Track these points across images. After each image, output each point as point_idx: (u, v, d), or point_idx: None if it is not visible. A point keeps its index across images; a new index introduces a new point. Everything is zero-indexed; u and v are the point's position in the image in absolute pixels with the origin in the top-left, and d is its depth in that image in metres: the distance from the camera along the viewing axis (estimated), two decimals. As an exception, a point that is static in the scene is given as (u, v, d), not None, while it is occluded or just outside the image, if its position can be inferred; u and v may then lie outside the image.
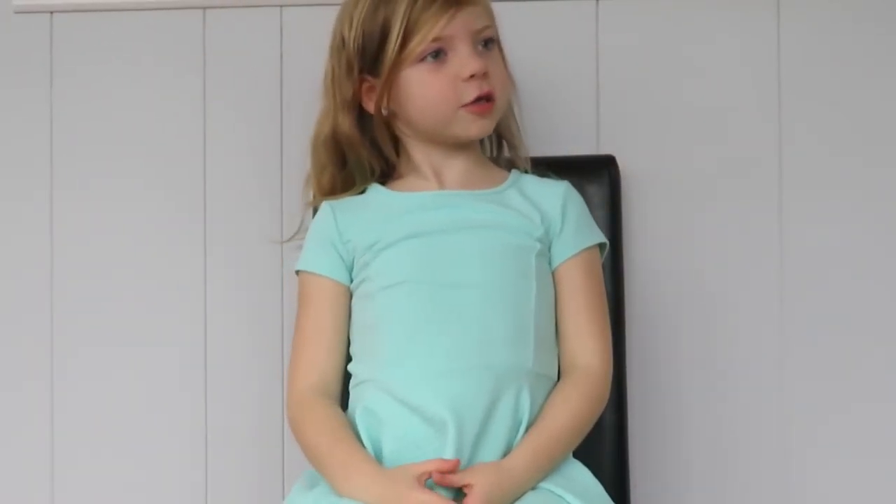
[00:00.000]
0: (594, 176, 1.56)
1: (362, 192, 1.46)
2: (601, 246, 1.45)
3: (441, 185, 1.44)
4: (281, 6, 1.72)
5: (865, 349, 1.66)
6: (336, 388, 1.42)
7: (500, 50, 1.45)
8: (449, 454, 1.29)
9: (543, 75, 1.49)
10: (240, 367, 1.71)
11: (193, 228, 1.72)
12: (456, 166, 1.44)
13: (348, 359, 1.43)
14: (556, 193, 1.43)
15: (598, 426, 1.50)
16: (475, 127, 1.39)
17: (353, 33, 1.41)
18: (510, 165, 1.50)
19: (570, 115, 1.57)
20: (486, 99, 1.38)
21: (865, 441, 1.66)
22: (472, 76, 1.37)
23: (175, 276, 1.72)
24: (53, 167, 1.74)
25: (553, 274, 1.42)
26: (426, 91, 1.39)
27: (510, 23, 1.50)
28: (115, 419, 1.72)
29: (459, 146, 1.43)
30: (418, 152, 1.45)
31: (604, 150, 1.67)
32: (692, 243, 1.68)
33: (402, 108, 1.41)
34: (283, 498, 1.67)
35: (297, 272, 1.46)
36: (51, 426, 1.72)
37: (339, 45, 1.44)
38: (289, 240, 1.58)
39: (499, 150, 1.51)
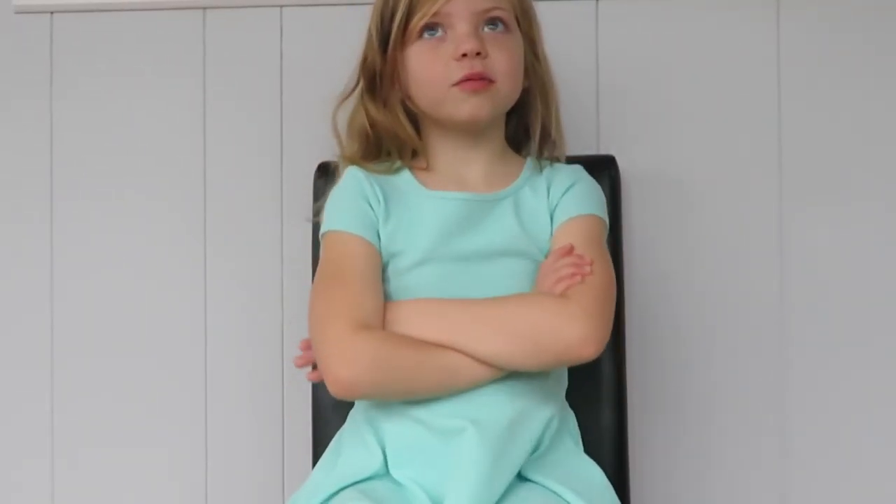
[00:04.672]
0: (594, 176, 1.56)
1: (392, 169, 1.42)
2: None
3: (463, 181, 1.41)
4: (281, 6, 1.72)
5: (866, 349, 1.66)
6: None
7: (532, 42, 1.43)
8: (474, 452, 1.28)
9: (543, 75, 1.49)
10: (240, 367, 1.71)
11: (193, 228, 1.72)
12: (476, 167, 1.42)
13: None
14: (565, 179, 1.42)
15: (598, 426, 1.51)
16: (467, 106, 1.36)
17: (376, 13, 1.41)
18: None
19: (570, 116, 1.56)
20: (478, 79, 1.35)
21: (865, 441, 1.66)
22: (463, 55, 1.35)
23: (175, 276, 1.72)
24: (53, 167, 1.74)
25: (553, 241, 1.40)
26: (421, 68, 1.37)
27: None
28: (114, 419, 1.72)
29: (476, 139, 1.41)
30: (436, 142, 1.42)
31: (604, 150, 1.67)
32: (692, 243, 1.68)
33: (408, 87, 1.40)
34: (284, 498, 1.68)
35: (325, 233, 1.39)
36: (51, 426, 1.73)
37: (369, 27, 1.43)
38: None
39: (541, 147, 1.47)
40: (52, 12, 1.74)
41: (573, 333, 1.29)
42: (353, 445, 1.37)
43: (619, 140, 1.68)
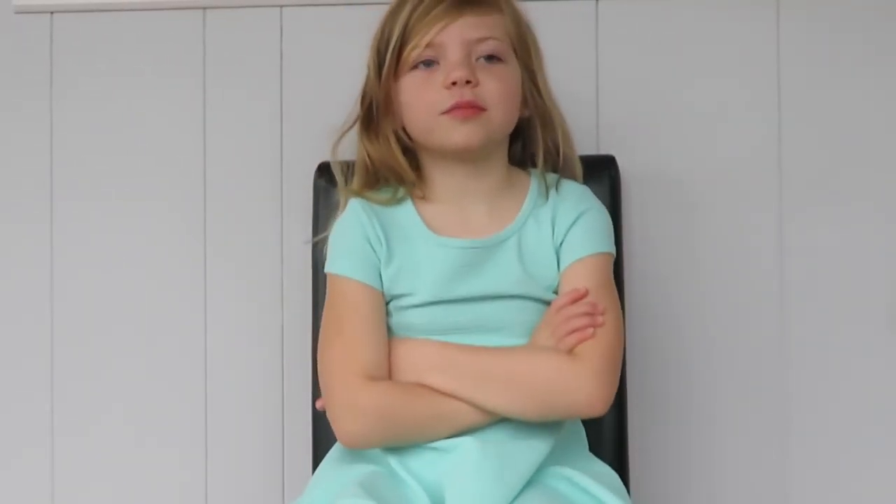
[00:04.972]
0: (594, 176, 1.56)
1: (395, 199, 1.42)
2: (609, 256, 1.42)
3: (466, 218, 1.40)
4: (281, 6, 1.72)
5: (866, 350, 1.66)
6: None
7: (531, 72, 1.42)
8: (473, 456, 1.29)
9: (543, 75, 1.49)
10: (240, 367, 1.71)
11: (193, 228, 1.72)
12: (478, 197, 1.40)
13: None
14: (571, 210, 1.41)
15: (598, 426, 1.51)
16: (457, 134, 1.35)
17: (374, 43, 1.41)
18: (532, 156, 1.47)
19: (571, 116, 1.56)
20: (467, 107, 1.34)
21: (865, 441, 1.66)
22: (453, 83, 1.34)
23: (175, 276, 1.72)
24: (53, 167, 1.74)
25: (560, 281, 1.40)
26: (413, 97, 1.37)
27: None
28: (114, 419, 1.72)
29: (476, 169, 1.40)
30: (435, 173, 1.41)
31: (604, 150, 1.67)
32: (692, 243, 1.68)
33: (401, 116, 1.40)
34: (284, 499, 1.68)
35: (328, 274, 1.40)
36: (50, 426, 1.73)
37: (368, 59, 1.43)
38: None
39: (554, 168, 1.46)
40: (52, 12, 1.73)
41: (581, 395, 1.31)
42: (350, 451, 1.38)
43: (619, 140, 1.67)
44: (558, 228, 1.40)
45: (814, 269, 1.67)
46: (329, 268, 1.40)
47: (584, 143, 1.66)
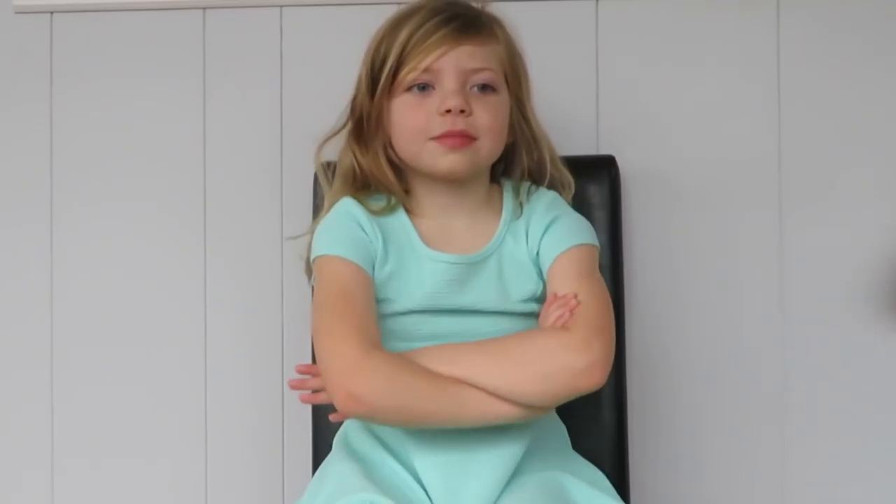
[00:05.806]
0: (594, 176, 1.56)
1: (389, 207, 1.42)
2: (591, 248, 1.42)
3: (449, 233, 1.41)
4: (281, 6, 1.72)
5: (865, 349, 1.66)
6: None
7: (520, 101, 1.43)
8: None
9: (543, 75, 1.49)
10: (240, 367, 1.71)
11: (193, 228, 1.72)
12: (459, 214, 1.42)
13: None
14: (541, 219, 1.41)
15: (598, 426, 1.51)
16: (445, 161, 1.36)
17: (367, 57, 1.42)
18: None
19: (570, 115, 1.56)
20: (458, 136, 1.35)
21: (865, 441, 1.67)
22: (447, 111, 1.35)
23: (175, 276, 1.72)
24: (53, 167, 1.74)
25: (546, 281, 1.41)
26: (404, 120, 1.38)
27: (511, 23, 1.50)
28: (114, 419, 1.72)
29: (460, 190, 1.41)
30: (421, 190, 1.42)
31: (604, 150, 1.67)
32: (692, 243, 1.68)
33: (391, 135, 1.41)
34: (283, 498, 1.68)
35: (319, 258, 1.38)
36: (50, 426, 1.73)
37: (360, 70, 1.43)
38: (298, 236, 1.51)
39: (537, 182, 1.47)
40: (52, 12, 1.74)
41: (577, 363, 1.29)
42: (349, 452, 1.39)
43: (619, 140, 1.68)
44: (531, 240, 1.41)
45: (814, 269, 1.67)
46: (321, 250, 1.38)
47: (584, 143, 1.67)
